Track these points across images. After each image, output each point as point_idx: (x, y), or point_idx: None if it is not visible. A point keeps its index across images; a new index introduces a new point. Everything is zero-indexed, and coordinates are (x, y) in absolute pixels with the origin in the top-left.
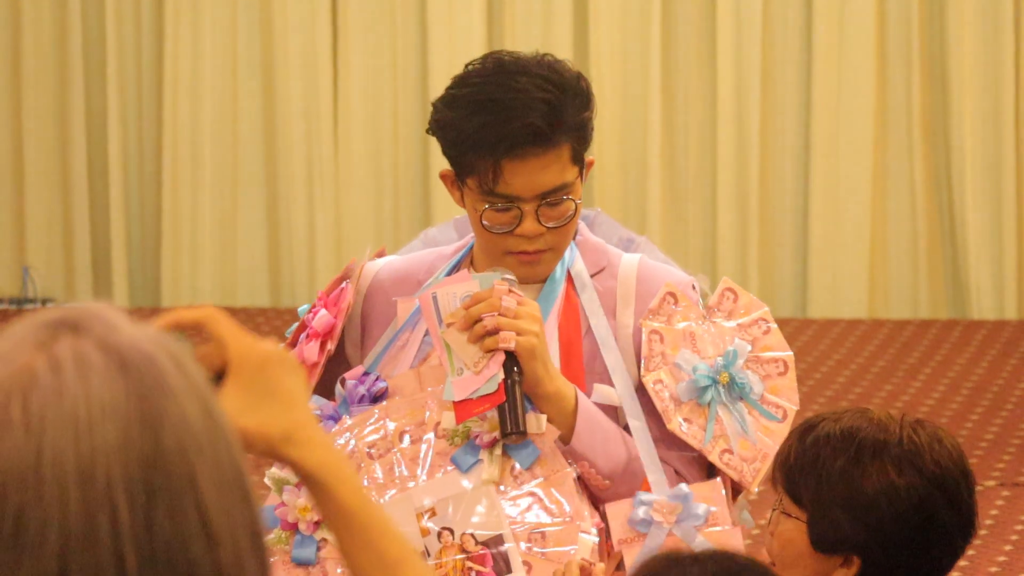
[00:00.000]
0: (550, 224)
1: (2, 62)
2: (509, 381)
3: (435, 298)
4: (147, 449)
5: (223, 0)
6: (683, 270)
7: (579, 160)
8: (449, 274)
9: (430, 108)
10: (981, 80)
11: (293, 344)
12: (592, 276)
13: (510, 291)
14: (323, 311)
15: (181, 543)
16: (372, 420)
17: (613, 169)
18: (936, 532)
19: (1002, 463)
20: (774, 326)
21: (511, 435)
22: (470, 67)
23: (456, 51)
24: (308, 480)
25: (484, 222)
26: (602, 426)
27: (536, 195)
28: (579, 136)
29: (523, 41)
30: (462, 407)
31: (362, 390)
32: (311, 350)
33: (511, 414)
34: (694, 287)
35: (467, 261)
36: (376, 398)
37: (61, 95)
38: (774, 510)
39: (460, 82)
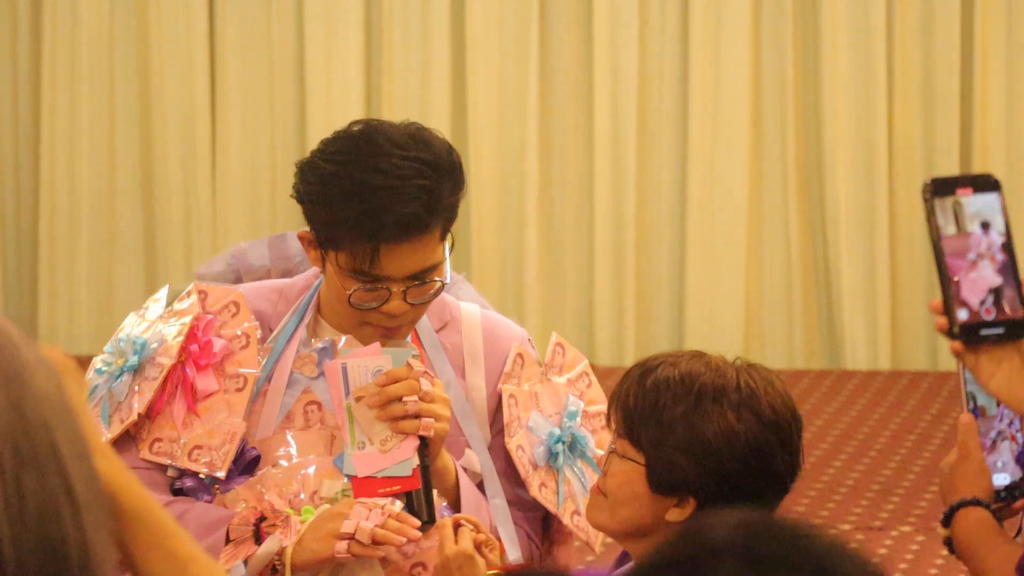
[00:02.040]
0: (415, 302)
1: None
2: (423, 467)
3: (345, 369)
4: (12, 420)
5: (100, 54)
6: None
7: (445, 236)
8: (298, 320)
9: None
10: (854, 133)
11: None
12: (436, 331)
13: (425, 372)
14: (215, 338)
15: (53, 510)
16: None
17: (491, 220)
18: (770, 474)
19: (859, 508)
20: (594, 379)
21: (428, 524)
22: (340, 137)
23: (333, 112)
24: None
25: (352, 300)
26: (475, 494)
27: (406, 276)
28: (450, 217)
29: (401, 96)
30: (363, 483)
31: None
32: (206, 381)
33: (427, 503)
34: (529, 341)
35: (314, 308)
36: (247, 466)
37: None
38: (609, 451)
39: (331, 155)
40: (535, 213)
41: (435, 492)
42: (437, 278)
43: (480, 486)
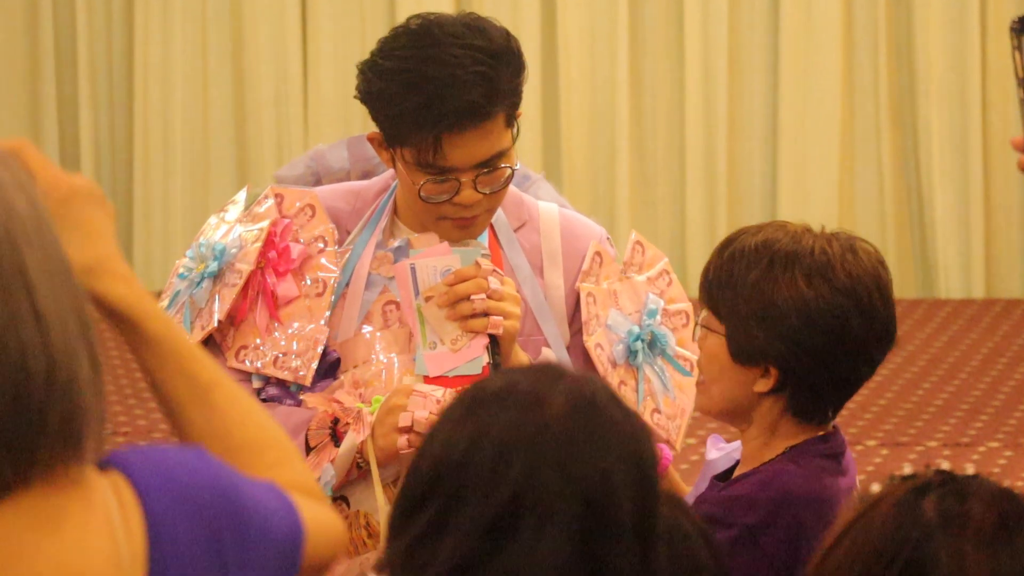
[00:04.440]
0: (486, 191)
1: None
2: (493, 365)
3: (413, 269)
4: None
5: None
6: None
7: (511, 123)
8: (375, 223)
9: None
10: (948, 61)
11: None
12: (515, 231)
13: (494, 271)
14: (292, 244)
15: (12, 325)
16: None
17: (582, 150)
18: (849, 341)
19: (947, 426)
20: (675, 277)
21: None
22: (398, 33)
23: None
24: (111, 313)
25: (422, 194)
26: None
27: (474, 165)
28: (513, 102)
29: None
30: (436, 383)
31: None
32: (286, 287)
33: None
34: (609, 240)
35: (391, 209)
36: (328, 368)
37: (31, 80)
38: (698, 325)
39: (390, 52)
40: (626, 144)
41: None
42: (506, 164)
43: None
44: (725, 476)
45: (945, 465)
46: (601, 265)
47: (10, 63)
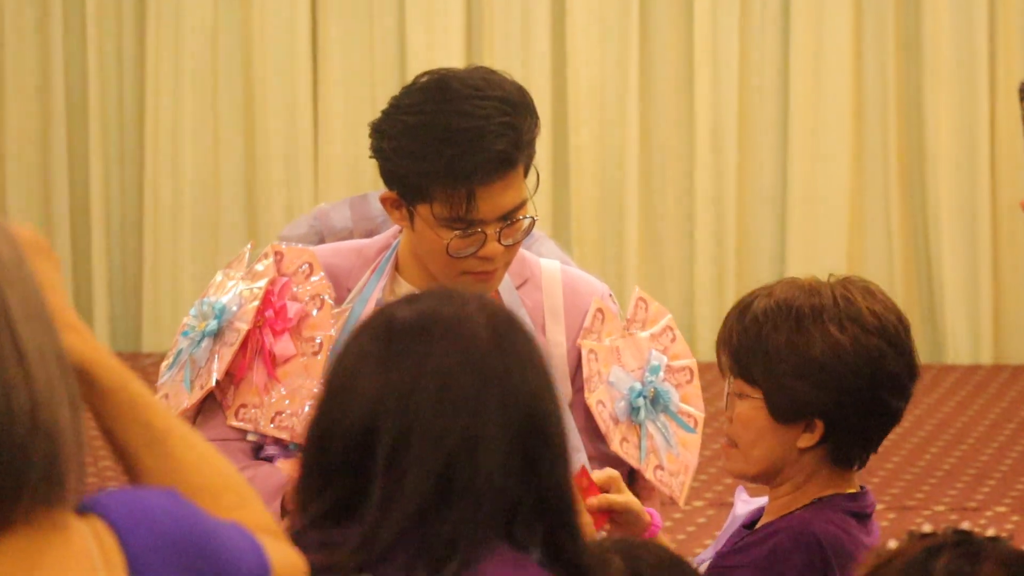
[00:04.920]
0: (509, 242)
1: None
2: None
3: None
4: None
5: (204, 47)
6: (587, 272)
7: (527, 173)
8: (377, 280)
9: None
10: (956, 126)
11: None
12: (517, 288)
13: None
14: (289, 302)
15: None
16: None
17: (592, 212)
18: (886, 378)
19: (954, 490)
20: (679, 333)
21: None
22: (414, 90)
23: None
24: None
25: (451, 250)
26: None
27: (499, 216)
28: (531, 153)
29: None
30: None
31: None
32: (284, 346)
33: None
34: (611, 296)
35: (392, 267)
36: None
37: (43, 139)
38: (728, 394)
39: (410, 108)
40: (635, 207)
41: None
42: (525, 215)
43: None
44: (750, 525)
45: (965, 525)
46: (603, 322)
47: (22, 121)
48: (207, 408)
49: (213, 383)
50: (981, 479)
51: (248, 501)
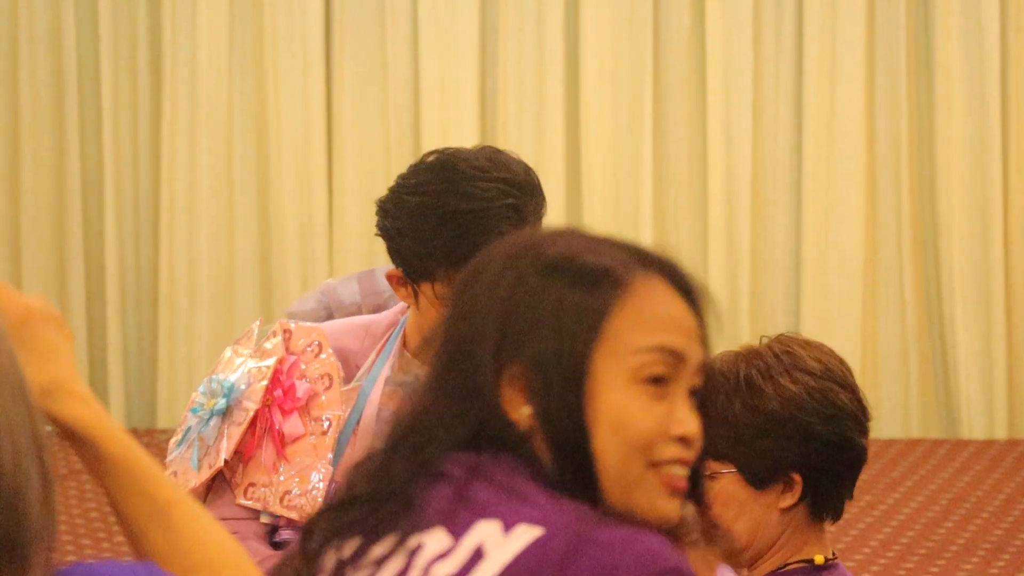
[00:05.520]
0: None
1: (2, 194)
2: None
3: None
4: None
5: (219, 117)
6: None
7: None
8: (385, 358)
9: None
10: (970, 198)
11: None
12: None
13: None
14: (298, 381)
15: None
16: None
17: None
18: (846, 416)
19: (970, 564)
20: None
21: None
22: (420, 169)
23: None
24: (69, 434)
25: None
26: None
27: None
28: None
29: (515, 136)
30: None
31: None
32: (292, 425)
33: None
34: None
35: (400, 344)
36: None
37: (59, 214)
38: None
39: (415, 188)
40: None
41: None
42: None
43: None
44: None
45: None
46: None
47: (37, 196)
48: (216, 487)
49: (221, 463)
50: (997, 553)
51: None
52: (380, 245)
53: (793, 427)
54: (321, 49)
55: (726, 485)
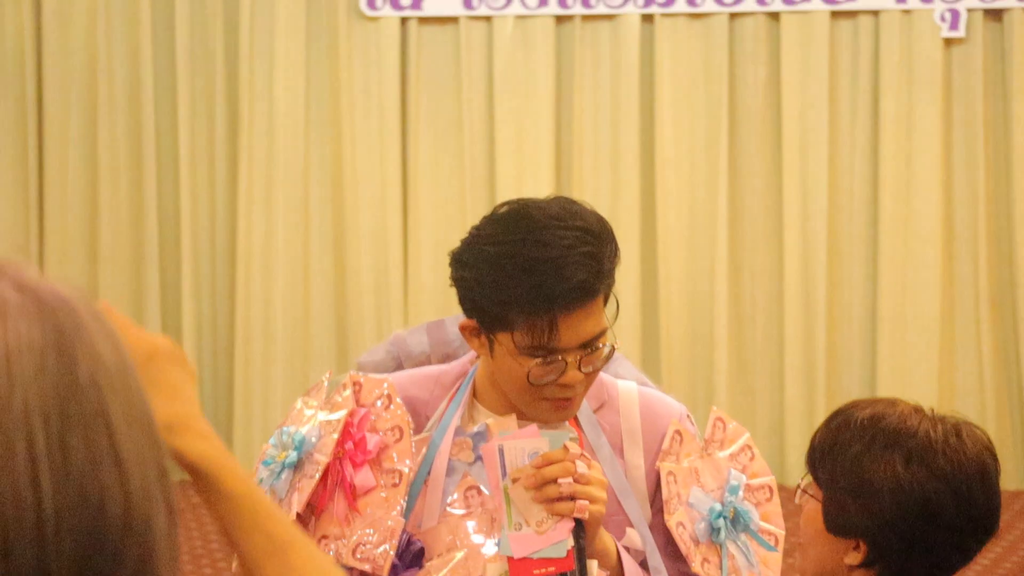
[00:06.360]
0: (588, 370)
1: (81, 248)
2: (577, 548)
3: (501, 451)
4: (63, 380)
5: (295, 171)
6: (661, 389)
7: (607, 302)
8: (455, 409)
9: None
10: None
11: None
12: (595, 412)
13: (582, 455)
14: (368, 434)
15: (93, 469)
16: None
17: (681, 339)
18: (943, 528)
19: None
20: (757, 452)
21: None
22: (494, 220)
23: None
24: (191, 470)
25: (531, 378)
26: (639, 573)
27: (580, 345)
28: (611, 282)
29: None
30: (520, 564)
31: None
32: (364, 477)
33: None
34: (689, 418)
35: (470, 394)
36: (414, 558)
37: (136, 268)
38: (800, 488)
39: (491, 238)
40: (724, 331)
41: (597, 573)
42: (604, 344)
43: (643, 564)
44: None
45: None
46: (681, 443)
47: (115, 250)
48: None
49: (293, 516)
50: None
51: None
52: (454, 297)
53: (879, 507)
54: (397, 102)
55: (812, 510)
